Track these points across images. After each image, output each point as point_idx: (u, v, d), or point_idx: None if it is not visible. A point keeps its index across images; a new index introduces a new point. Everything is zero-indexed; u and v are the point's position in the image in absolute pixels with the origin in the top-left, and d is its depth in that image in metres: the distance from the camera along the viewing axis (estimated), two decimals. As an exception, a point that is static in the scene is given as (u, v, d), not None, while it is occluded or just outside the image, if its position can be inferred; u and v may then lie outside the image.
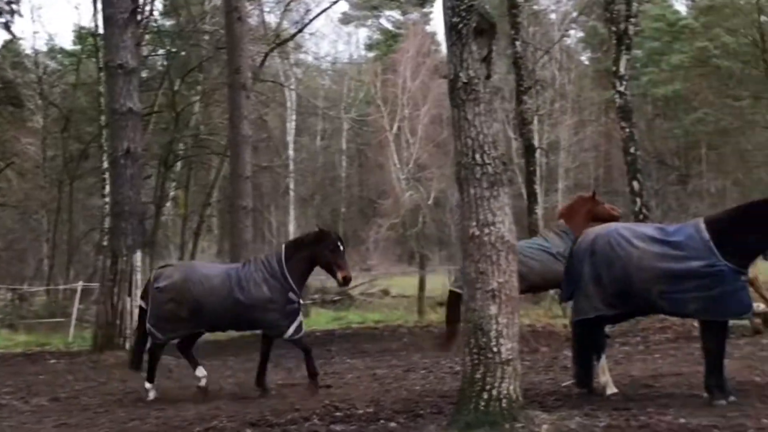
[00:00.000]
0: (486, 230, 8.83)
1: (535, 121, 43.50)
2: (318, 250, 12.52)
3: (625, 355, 14.62)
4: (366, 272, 37.95)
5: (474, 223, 8.87)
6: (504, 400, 8.67)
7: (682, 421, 8.94)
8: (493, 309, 8.74)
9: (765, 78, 40.16)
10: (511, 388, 8.73)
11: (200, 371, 13.04)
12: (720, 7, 46.95)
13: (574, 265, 10.91)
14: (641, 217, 21.72)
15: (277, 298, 12.38)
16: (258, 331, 13.23)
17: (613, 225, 11.28)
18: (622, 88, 22.55)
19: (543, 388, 11.54)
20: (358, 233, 52.19)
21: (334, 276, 12.58)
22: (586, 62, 61.12)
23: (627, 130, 22.39)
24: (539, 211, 25.92)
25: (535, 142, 37.97)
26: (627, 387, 11.31)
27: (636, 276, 10.31)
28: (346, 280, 12.60)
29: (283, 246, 13.04)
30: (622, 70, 22.60)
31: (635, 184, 22.22)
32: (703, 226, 10.24)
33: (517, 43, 25.91)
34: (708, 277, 9.98)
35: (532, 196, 25.74)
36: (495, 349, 8.71)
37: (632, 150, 22.44)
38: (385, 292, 32.68)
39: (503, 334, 8.74)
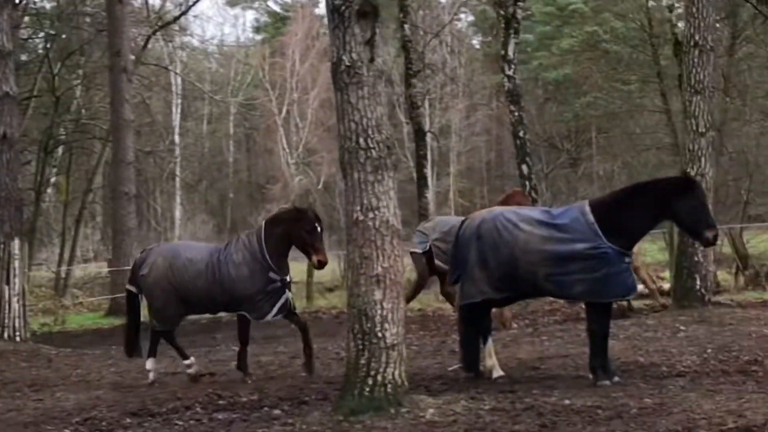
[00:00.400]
0: (370, 215, 8.91)
1: (426, 105, 43.85)
2: (294, 229, 12.17)
3: (513, 338, 14.85)
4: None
5: (358, 208, 8.94)
6: (389, 386, 8.78)
7: (567, 402, 9.15)
8: (377, 294, 8.83)
9: (653, 62, 40.99)
10: (396, 373, 8.84)
11: (188, 360, 12.70)
12: (609, -8, 47.83)
13: (461, 250, 11.06)
14: (529, 200, 22.06)
15: (257, 278, 12.07)
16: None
17: (498, 209, 11.44)
18: (510, 72, 22.87)
19: (430, 373, 11.68)
20: (247, 219, 51.92)
21: (309, 258, 12.31)
22: (477, 46, 61.73)
23: (516, 113, 22.73)
24: (429, 195, 26.16)
25: (426, 126, 38.30)
26: (514, 370, 11.53)
27: (522, 259, 10.50)
28: (321, 264, 12.26)
29: (263, 224, 12.71)
30: (510, 54, 22.91)
31: (524, 167, 22.59)
32: (587, 209, 10.48)
33: (406, 26, 26.08)
34: (593, 259, 10.23)
35: (422, 180, 25.96)
36: (380, 335, 8.81)
37: (521, 134, 22.79)
38: (272, 279, 32.60)
39: (388, 319, 8.84)
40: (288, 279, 12.43)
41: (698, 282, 17.91)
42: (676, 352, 12.26)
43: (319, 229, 12.19)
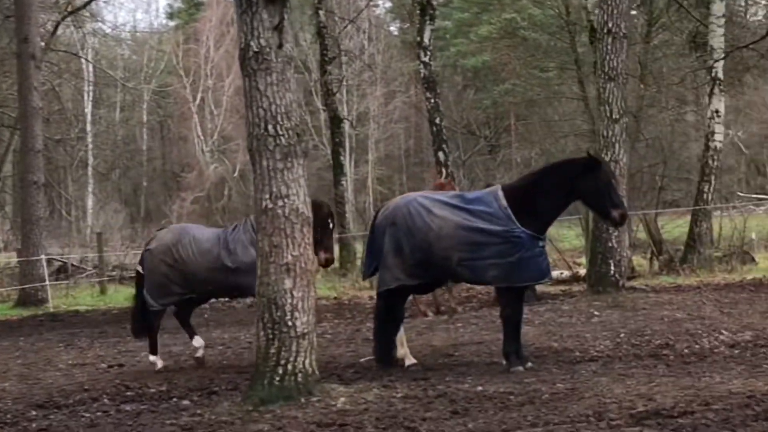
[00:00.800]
0: (280, 203, 8.91)
1: (343, 92, 43.82)
2: None
3: (428, 325, 14.98)
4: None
5: (267, 196, 8.93)
6: (299, 375, 8.80)
7: (480, 388, 9.27)
8: (287, 283, 8.84)
9: (570, 49, 41.39)
10: (307, 362, 8.87)
11: (197, 341, 12.40)
12: (527, -21, 48.24)
13: (375, 239, 11.10)
14: (452, 186, 22.19)
15: None
16: None
17: (411, 195, 11.45)
18: (426, 59, 22.95)
19: (343, 361, 11.74)
20: (161, 207, 51.53)
21: (315, 254, 11.36)
22: (395, 33, 61.81)
23: (432, 100, 22.83)
24: (346, 182, 26.17)
25: (343, 113, 38.29)
26: (428, 357, 11.63)
27: (436, 244, 10.57)
28: (328, 262, 11.79)
29: None
30: (426, 40, 22.99)
31: (441, 154, 22.72)
32: (501, 193, 10.58)
33: (321, 12, 26.03)
34: (506, 243, 10.33)
35: (338, 167, 25.96)
36: (290, 323, 8.82)
37: (437, 121, 22.90)
38: (186, 267, 32.38)
39: (298, 308, 8.86)
40: None
41: (612, 267, 18.20)
42: (590, 337, 12.48)
43: (331, 225, 11.81)
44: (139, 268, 12.60)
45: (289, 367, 8.77)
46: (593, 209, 11.08)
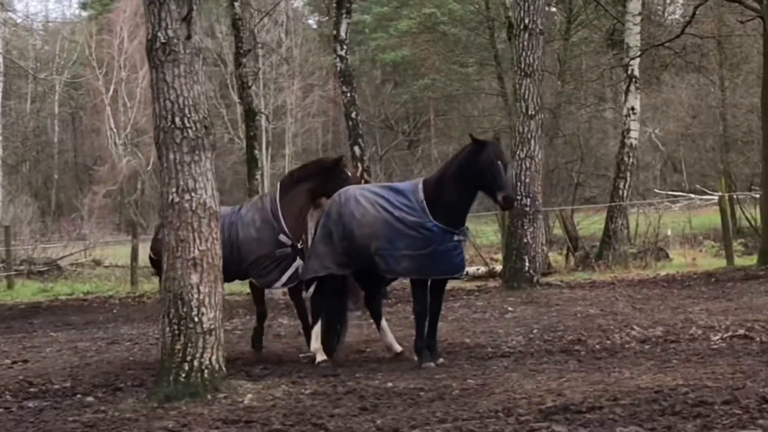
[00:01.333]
0: (186, 196, 8.85)
1: (260, 86, 43.68)
2: (325, 184, 11.41)
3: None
4: (79, 241, 37.09)
5: (174, 189, 8.87)
6: (206, 371, 8.76)
7: (390, 385, 9.29)
8: (194, 278, 8.79)
9: (489, 45, 41.72)
10: (213, 358, 8.83)
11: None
12: (447, -26, 48.53)
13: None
14: (362, 182, 22.21)
15: (265, 240, 11.32)
16: None
17: (351, 187, 11.38)
18: (342, 53, 22.84)
19: (251, 358, 11.70)
20: (72, 201, 50.90)
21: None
22: (313, 26, 61.73)
23: (348, 94, 22.73)
24: (261, 176, 26.01)
25: (260, 107, 38.14)
26: (339, 353, 11.62)
27: (358, 233, 10.61)
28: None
29: (279, 182, 11.94)
30: (342, 34, 22.89)
31: (356, 149, 22.64)
32: (420, 185, 10.64)
33: (236, 4, 25.81)
34: (418, 235, 10.39)
35: (253, 161, 25.75)
36: (196, 319, 8.77)
37: (354, 115, 22.82)
38: (97, 262, 32.06)
39: (205, 303, 8.81)
40: (301, 245, 11.66)
41: (527, 263, 18.42)
42: (503, 333, 12.58)
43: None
44: (151, 254, 12.48)
45: (195, 363, 8.72)
46: (485, 193, 11.00)
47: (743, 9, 24.59)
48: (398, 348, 11.25)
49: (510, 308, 15.44)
